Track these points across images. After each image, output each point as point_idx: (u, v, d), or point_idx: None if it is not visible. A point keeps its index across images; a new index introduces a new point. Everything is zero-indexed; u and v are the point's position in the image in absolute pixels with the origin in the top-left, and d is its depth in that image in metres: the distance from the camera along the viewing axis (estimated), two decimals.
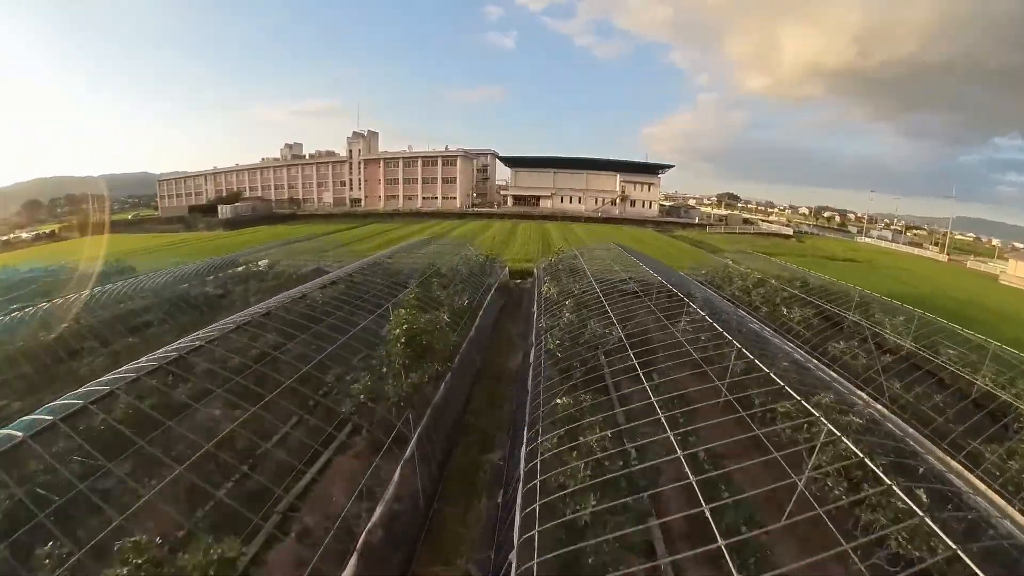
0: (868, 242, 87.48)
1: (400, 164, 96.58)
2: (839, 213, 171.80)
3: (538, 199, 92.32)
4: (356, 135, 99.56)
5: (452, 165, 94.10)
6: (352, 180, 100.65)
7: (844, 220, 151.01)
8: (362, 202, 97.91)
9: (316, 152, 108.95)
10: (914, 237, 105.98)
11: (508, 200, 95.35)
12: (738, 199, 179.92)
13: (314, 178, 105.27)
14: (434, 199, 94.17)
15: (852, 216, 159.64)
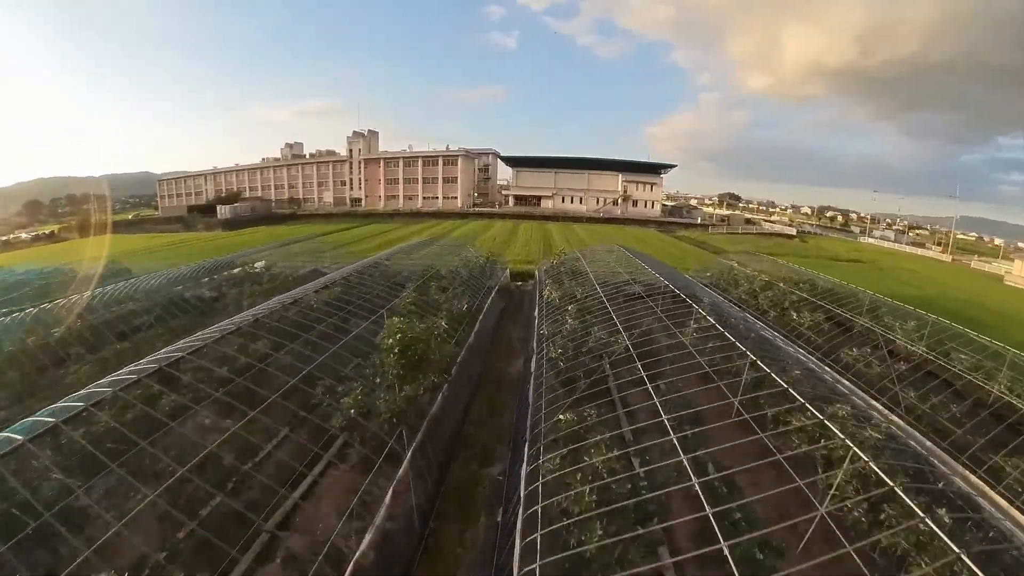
0: (871, 242, 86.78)
1: (400, 164, 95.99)
2: (841, 213, 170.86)
3: (539, 199, 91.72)
4: (356, 134, 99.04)
5: (453, 165, 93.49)
6: (352, 180, 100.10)
7: (847, 220, 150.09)
8: (362, 202, 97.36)
9: (316, 152, 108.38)
10: (916, 237, 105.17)
11: (509, 200, 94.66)
12: (739, 199, 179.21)
13: (314, 178, 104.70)
14: (435, 199, 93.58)
15: (854, 216, 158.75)
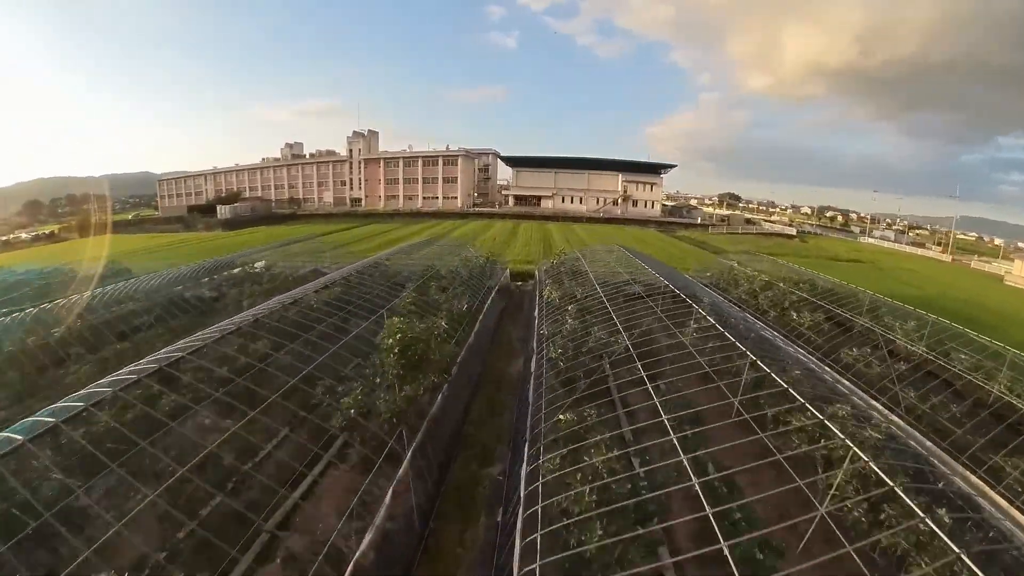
0: (871, 242, 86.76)
1: (400, 164, 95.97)
2: (841, 213, 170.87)
3: (539, 199, 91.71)
4: (356, 134, 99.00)
5: (453, 165, 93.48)
6: (352, 180, 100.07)
7: (847, 220, 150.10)
8: (362, 202, 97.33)
9: (316, 152, 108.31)
10: (917, 237, 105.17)
11: (509, 200, 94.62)
12: (739, 199, 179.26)
13: (314, 178, 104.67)
14: (435, 199, 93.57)
15: (854, 216, 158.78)
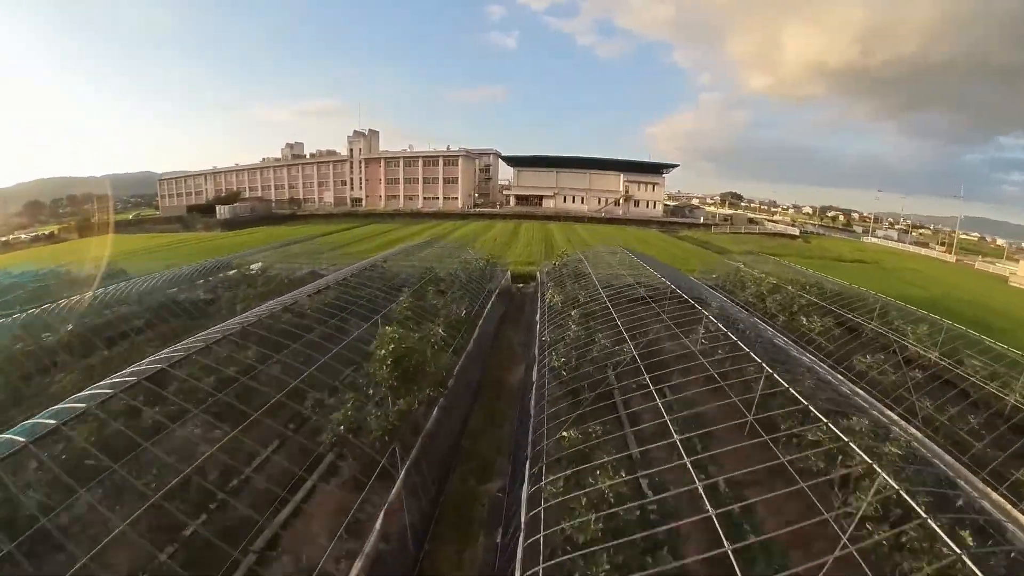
0: (874, 242, 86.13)
1: (401, 164, 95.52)
2: (843, 212, 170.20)
3: (541, 199, 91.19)
4: (357, 134, 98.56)
5: (454, 165, 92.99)
6: (353, 180, 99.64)
7: (849, 220, 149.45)
8: (363, 202, 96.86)
9: (317, 152, 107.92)
10: (919, 237, 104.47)
11: (511, 200, 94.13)
12: (741, 198, 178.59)
13: (315, 178, 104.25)
14: (436, 199, 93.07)
15: (856, 216, 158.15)
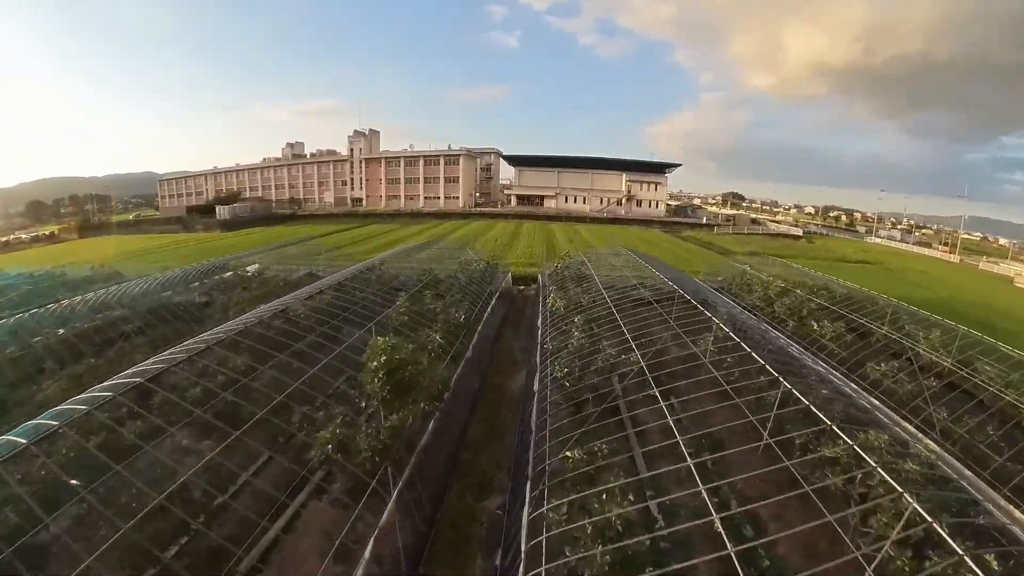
0: (878, 242, 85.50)
1: (402, 163, 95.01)
2: (845, 212, 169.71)
3: (542, 199, 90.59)
4: (357, 133, 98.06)
5: (455, 164, 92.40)
6: (353, 180, 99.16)
7: (852, 220, 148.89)
8: (363, 202, 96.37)
9: (317, 151, 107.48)
10: (922, 237, 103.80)
11: (512, 200, 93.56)
12: (743, 198, 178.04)
13: (315, 178, 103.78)
14: (436, 199, 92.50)
15: (858, 216, 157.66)
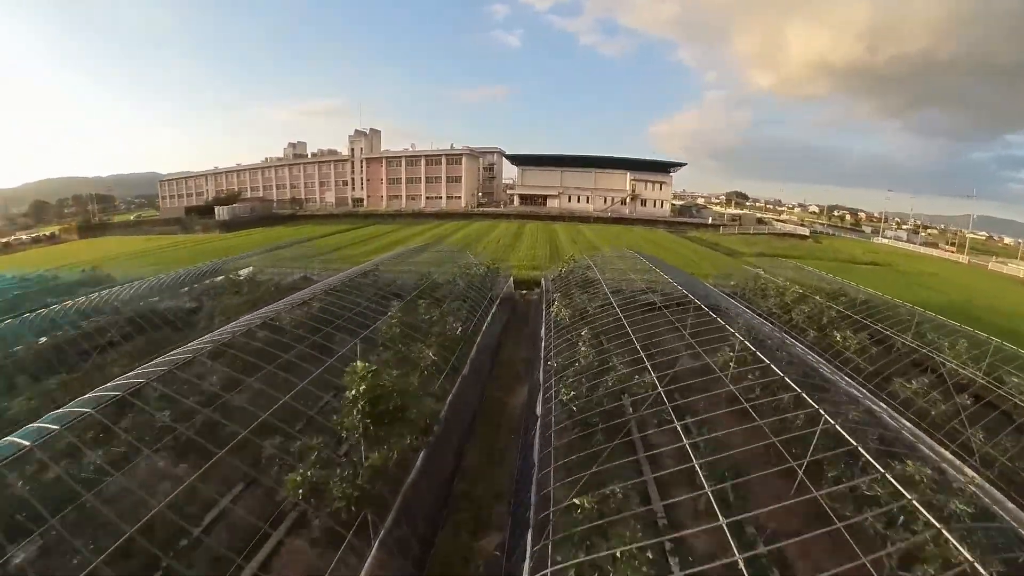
0: (885, 242, 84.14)
1: (403, 163, 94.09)
2: (850, 212, 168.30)
3: (545, 198, 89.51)
4: (358, 133, 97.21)
5: (457, 164, 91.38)
6: (354, 179, 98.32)
7: (857, 219, 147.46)
8: (364, 202, 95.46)
9: (319, 151, 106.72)
10: (928, 237, 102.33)
11: (515, 199, 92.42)
12: (747, 198, 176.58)
13: (316, 177, 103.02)
14: (438, 199, 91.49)
15: (862, 215, 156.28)
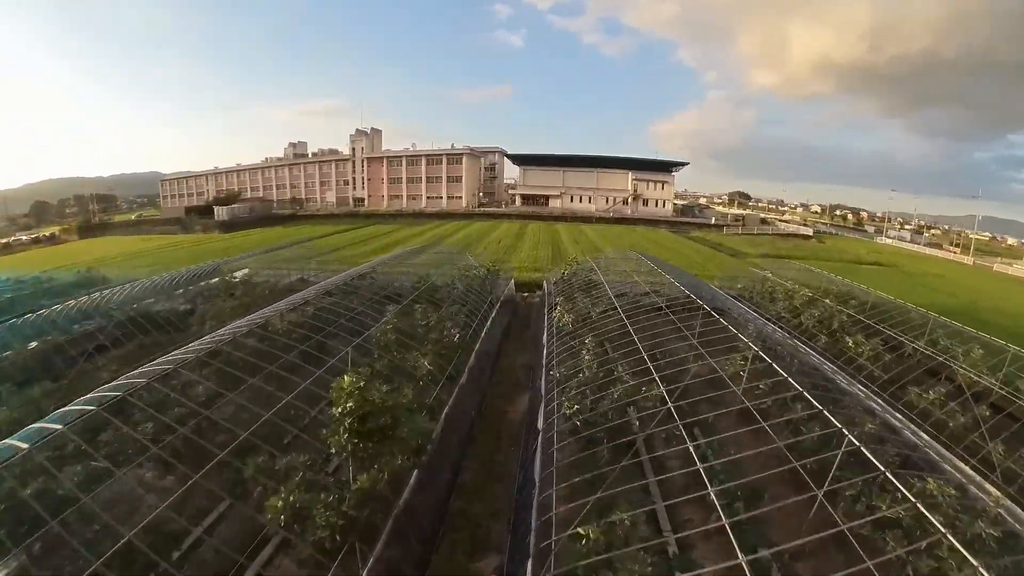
0: (888, 243, 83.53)
1: (404, 162, 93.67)
2: (852, 211, 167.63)
3: (547, 198, 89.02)
4: (359, 132, 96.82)
5: (458, 163, 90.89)
6: (355, 179, 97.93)
7: (860, 219, 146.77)
8: (365, 202, 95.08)
9: (319, 151, 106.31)
10: (932, 237, 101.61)
11: (516, 199, 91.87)
12: (749, 198, 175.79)
13: (316, 177, 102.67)
14: (439, 199, 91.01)
15: (865, 215, 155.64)
